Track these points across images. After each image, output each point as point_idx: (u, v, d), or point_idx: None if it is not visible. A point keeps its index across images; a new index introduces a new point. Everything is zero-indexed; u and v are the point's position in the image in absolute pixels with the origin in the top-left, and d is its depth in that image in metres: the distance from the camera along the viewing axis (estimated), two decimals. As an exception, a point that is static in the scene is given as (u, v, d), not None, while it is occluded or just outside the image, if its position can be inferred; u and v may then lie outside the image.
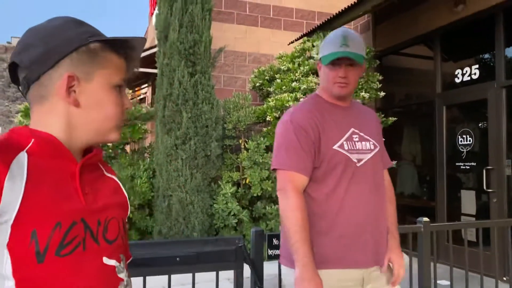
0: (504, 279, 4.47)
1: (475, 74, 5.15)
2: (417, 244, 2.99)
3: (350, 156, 1.63)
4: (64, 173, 0.82)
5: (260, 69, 6.66)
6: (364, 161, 1.66)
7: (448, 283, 3.30)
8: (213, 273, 2.35)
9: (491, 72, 4.95)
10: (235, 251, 2.27)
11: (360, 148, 1.67)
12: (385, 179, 1.80)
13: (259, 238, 2.40)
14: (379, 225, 1.69)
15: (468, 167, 5.19)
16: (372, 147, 1.71)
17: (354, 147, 1.65)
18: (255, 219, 5.78)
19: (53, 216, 0.76)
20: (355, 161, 1.64)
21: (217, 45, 6.31)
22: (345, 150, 1.63)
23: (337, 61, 1.63)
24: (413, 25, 5.92)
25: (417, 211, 5.66)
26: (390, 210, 1.79)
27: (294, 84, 5.87)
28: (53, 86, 0.83)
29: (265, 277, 2.41)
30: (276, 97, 5.84)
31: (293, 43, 6.93)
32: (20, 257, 0.73)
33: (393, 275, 1.73)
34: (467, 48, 5.41)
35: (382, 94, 5.89)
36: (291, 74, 6.05)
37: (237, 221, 5.51)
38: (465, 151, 5.21)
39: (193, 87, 5.44)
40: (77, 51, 0.84)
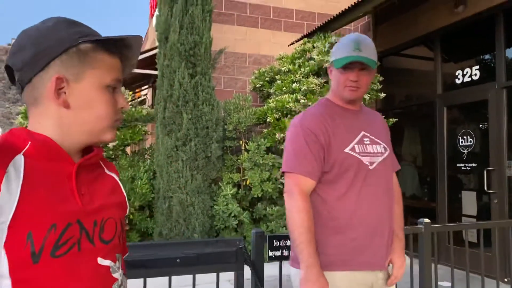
0: (505, 280, 4.46)
1: (475, 75, 5.15)
2: (418, 245, 2.99)
3: (362, 159, 1.64)
4: (60, 174, 0.82)
5: (260, 70, 6.65)
6: (376, 164, 1.67)
7: (449, 284, 3.30)
8: (214, 275, 2.35)
9: (491, 73, 4.95)
10: (236, 253, 2.27)
11: (371, 151, 1.68)
12: (393, 182, 1.82)
13: (260, 239, 2.41)
14: (390, 227, 1.70)
15: (469, 168, 5.19)
16: (382, 150, 1.72)
17: (365, 150, 1.66)
18: (255, 221, 5.77)
19: (49, 218, 0.77)
20: (367, 164, 1.65)
21: (218, 47, 6.31)
22: (357, 153, 1.64)
23: (349, 65, 1.64)
24: (414, 26, 5.93)
25: (418, 212, 5.65)
26: (397, 212, 1.80)
27: (294, 85, 5.87)
28: (44, 88, 0.83)
29: (265, 279, 2.41)
30: (276, 98, 5.84)
31: (293, 44, 6.93)
32: (16, 257, 0.73)
33: (390, 276, 1.73)
34: (468, 49, 5.41)
35: (382, 95, 5.89)
36: (292, 75, 6.04)
37: (237, 222, 5.50)
38: (465, 152, 5.21)
39: (194, 88, 5.44)
40: (67, 52, 0.83)
